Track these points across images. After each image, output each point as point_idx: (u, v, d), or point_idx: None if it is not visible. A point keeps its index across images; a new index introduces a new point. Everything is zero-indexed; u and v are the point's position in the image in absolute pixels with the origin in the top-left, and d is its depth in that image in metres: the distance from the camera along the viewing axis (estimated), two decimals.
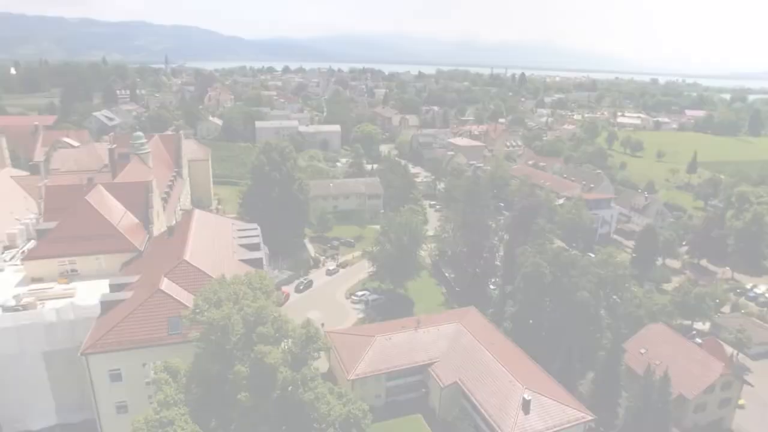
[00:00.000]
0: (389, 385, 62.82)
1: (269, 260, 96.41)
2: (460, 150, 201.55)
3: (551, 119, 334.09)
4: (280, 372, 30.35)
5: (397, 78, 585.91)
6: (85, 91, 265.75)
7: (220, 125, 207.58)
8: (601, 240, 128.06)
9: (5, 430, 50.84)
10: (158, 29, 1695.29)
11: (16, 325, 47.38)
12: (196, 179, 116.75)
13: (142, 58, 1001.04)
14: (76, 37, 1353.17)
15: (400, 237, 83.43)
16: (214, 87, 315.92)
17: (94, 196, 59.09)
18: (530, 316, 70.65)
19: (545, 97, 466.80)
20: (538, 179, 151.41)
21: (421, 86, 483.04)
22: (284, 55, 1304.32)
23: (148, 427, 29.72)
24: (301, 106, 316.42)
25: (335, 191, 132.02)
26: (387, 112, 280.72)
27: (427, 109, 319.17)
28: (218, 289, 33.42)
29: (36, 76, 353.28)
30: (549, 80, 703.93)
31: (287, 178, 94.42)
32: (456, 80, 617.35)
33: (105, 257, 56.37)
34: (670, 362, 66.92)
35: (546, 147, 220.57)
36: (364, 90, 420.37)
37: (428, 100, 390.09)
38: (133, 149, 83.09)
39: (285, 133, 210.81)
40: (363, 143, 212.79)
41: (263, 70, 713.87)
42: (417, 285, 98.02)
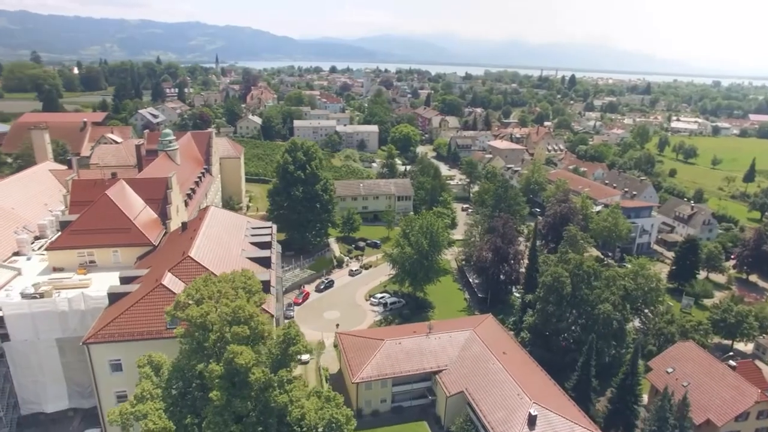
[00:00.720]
0: (396, 390, 61.84)
1: (292, 259, 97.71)
2: (499, 153, 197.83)
3: (599, 123, 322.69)
4: (253, 373, 30.06)
5: (444, 79, 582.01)
6: (136, 89, 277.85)
7: (260, 124, 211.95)
8: (640, 250, 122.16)
9: (22, 411, 53.33)
10: (212, 29, 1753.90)
11: (32, 312, 49.52)
12: (228, 177, 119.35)
13: (195, 58, 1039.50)
14: (135, 38, 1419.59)
15: (419, 240, 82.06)
16: (258, 86, 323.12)
17: (114, 190, 61.19)
18: (548, 327, 67.86)
19: (595, 100, 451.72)
20: (576, 185, 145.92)
21: (467, 88, 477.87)
22: (333, 55, 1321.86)
23: (122, 419, 30.26)
24: (344, 106, 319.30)
25: (365, 191, 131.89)
26: (427, 113, 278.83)
27: (469, 111, 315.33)
28: (201, 287, 33.59)
29: (95, 76, 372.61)
30: (601, 82, 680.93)
31: (312, 177, 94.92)
32: (503, 82, 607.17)
33: (121, 250, 58.25)
34: (699, 384, 62.88)
35: (590, 152, 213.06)
36: (406, 90, 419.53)
37: (472, 101, 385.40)
38: (161, 146, 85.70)
39: (323, 132, 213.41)
40: (400, 144, 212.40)
41: (310, 70, 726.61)
42: (440, 289, 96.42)
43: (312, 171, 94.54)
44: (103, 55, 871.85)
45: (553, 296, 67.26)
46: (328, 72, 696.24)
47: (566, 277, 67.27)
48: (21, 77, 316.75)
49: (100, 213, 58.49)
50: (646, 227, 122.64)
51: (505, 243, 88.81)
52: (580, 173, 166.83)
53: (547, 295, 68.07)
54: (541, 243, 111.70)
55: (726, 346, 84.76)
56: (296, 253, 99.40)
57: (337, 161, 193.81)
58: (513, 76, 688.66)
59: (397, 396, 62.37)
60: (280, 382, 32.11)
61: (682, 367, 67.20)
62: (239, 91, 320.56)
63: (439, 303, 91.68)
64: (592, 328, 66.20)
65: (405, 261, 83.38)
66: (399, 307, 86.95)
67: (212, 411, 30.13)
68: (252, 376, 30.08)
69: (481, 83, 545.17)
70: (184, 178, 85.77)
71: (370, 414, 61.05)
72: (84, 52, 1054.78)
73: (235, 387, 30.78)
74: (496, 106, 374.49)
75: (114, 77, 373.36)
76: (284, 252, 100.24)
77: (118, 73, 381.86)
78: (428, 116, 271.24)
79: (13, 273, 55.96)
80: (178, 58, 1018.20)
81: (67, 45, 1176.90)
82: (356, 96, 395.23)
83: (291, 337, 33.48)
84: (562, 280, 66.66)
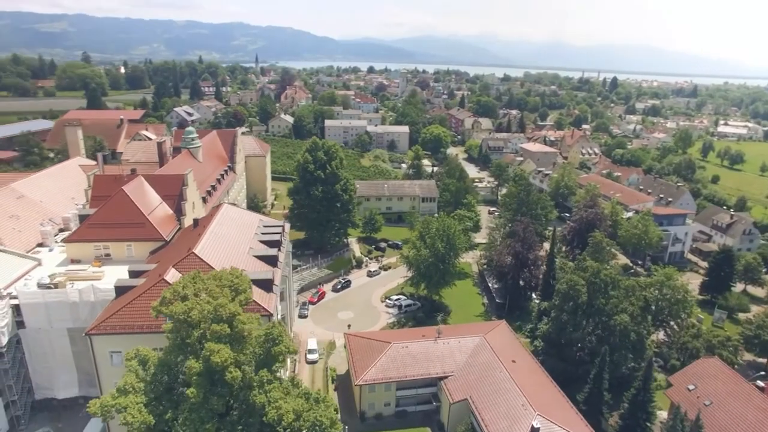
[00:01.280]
0: (400, 394, 61.07)
1: (309, 258, 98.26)
2: (531, 156, 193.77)
3: (639, 127, 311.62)
4: (230, 372, 30.07)
5: (481, 80, 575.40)
6: (175, 87, 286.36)
7: (291, 123, 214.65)
8: (672, 259, 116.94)
9: (36, 395, 55.48)
10: (255, 30, 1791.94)
11: (46, 302, 51.38)
12: (254, 175, 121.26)
13: (237, 57, 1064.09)
14: (182, 38, 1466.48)
15: (435, 242, 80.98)
16: (293, 86, 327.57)
17: (131, 186, 62.90)
18: (562, 336, 65.60)
19: (637, 103, 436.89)
20: (608, 190, 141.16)
21: (505, 89, 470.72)
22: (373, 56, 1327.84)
23: (102, 411, 30.87)
24: (378, 106, 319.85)
25: (389, 192, 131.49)
26: (460, 115, 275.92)
27: (504, 113, 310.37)
28: (188, 284, 33.91)
29: (139, 75, 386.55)
30: (645, 85, 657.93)
31: (332, 177, 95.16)
32: (542, 84, 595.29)
33: (135, 244, 59.80)
34: (722, 404, 59.34)
35: (626, 156, 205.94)
36: (441, 91, 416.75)
37: (508, 103, 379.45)
38: (184, 143, 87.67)
39: (353, 132, 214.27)
40: (430, 145, 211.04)
41: (348, 70, 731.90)
42: (458, 293, 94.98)
43: (332, 171, 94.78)
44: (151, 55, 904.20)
45: (568, 305, 64.98)
46: (365, 72, 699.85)
47: (582, 285, 64.86)
48: (72, 76, 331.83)
49: (116, 208, 60.23)
50: (679, 235, 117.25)
51: (525, 248, 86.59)
52: (613, 178, 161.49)
53: (562, 303, 65.86)
54: (567, 249, 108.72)
55: (760, 364, 79.98)
56: (315, 252, 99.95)
57: (366, 161, 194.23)
58: (553, 78, 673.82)
59: (402, 400, 61.59)
60: (260, 382, 32.00)
61: (706, 385, 63.59)
62: (275, 90, 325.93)
63: (456, 307, 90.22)
64: (608, 339, 63.57)
65: (420, 263, 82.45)
66: (414, 310, 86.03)
67: (188, 407, 30.30)
68: (228, 374, 30.08)
69: (519, 85, 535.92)
70: (206, 175, 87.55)
71: (373, 417, 60.52)
72: (133, 52, 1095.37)
73: (215, 385, 30.84)
74: (533, 108, 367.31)
75: (157, 76, 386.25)
76: (303, 251, 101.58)
77: (161, 72, 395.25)
78: (461, 117, 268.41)
79: (33, 263, 58.31)
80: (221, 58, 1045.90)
81: (118, 45, 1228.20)
82: (391, 96, 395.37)
83: (273, 337, 33.36)
84: (578, 288, 64.32)
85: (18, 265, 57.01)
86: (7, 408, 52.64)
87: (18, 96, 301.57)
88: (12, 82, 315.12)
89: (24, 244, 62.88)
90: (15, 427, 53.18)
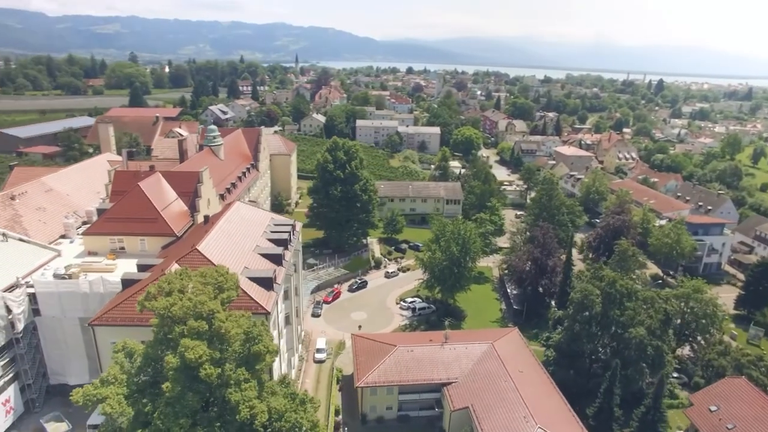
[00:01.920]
0: (403, 398, 60.36)
1: (326, 257, 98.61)
2: (564, 159, 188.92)
3: (684, 131, 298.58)
4: (204, 369, 30.26)
5: (521, 82, 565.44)
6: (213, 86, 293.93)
7: (323, 122, 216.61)
8: (707, 270, 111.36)
9: (51, 380, 57.81)
10: (297, 30, 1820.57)
11: (59, 291, 53.43)
12: (278, 173, 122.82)
13: (279, 57, 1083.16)
14: (226, 38, 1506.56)
15: (450, 245, 79.75)
16: (329, 85, 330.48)
17: (148, 182, 64.59)
18: (574, 347, 63.29)
19: (684, 107, 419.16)
20: (641, 196, 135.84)
21: (544, 91, 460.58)
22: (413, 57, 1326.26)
23: (84, 399, 31.69)
24: (412, 107, 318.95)
25: (413, 193, 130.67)
26: (495, 117, 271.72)
27: (540, 115, 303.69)
28: (173, 280, 34.40)
29: (182, 74, 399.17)
30: (694, 87, 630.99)
31: (351, 177, 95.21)
32: (584, 86, 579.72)
33: (148, 239, 61.32)
34: (746, 428, 55.76)
35: (666, 161, 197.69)
36: (476, 92, 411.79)
37: (547, 106, 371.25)
38: (206, 141, 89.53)
39: (384, 132, 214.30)
40: (462, 147, 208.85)
41: (387, 70, 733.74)
42: (476, 297, 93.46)
43: (351, 171, 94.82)
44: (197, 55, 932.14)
45: (582, 315, 62.64)
46: (404, 73, 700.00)
47: (597, 295, 62.41)
48: (119, 76, 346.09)
49: (131, 203, 61.94)
50: (715, 246, 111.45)
51: (544, 254, 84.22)
52: (649, 184, 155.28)
53: (575, 313, 63.55)
54: (593, 256, 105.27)
55: None
56: (333, 252, 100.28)
57: (396, 162, 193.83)
58: (595, 80, 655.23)
59: (405, 405, 60.86)
60: (237, 380, 32.10)
61: (730, 407, 59.92)
62: (311, 90, 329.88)
63: (473, 312, 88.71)
64: (623, 352, 60.98)
65: (435, 266, 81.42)
66: (428, 314, 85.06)
67: (164, 402, 30.68)
68: (203, 371, 30.29)
69: (559, 87, 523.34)
70: (227, 172, 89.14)
71: (374, 420, 60.09)
72: (180, 52, 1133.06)
73: (192, 381, 31.13)
74: (572, 110, 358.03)
75: (199, 75, 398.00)
76: (322, 250, 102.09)
77: (203, 72, 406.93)
78: (495, 119, 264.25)
79: (53, 254, 60.67)
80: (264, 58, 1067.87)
81: (167, 46, 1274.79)
82: (428, 97, 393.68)
83: (253, 336, 33.42)
84: (592, 299, 61.91)
85: (39, 255, 59.46)
86: (23, 391, 55.09)
87: (70, 94, 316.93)
88: (65, 81, 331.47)
89: (48, 235, 65.56)
90: (30, 410, 55.60)
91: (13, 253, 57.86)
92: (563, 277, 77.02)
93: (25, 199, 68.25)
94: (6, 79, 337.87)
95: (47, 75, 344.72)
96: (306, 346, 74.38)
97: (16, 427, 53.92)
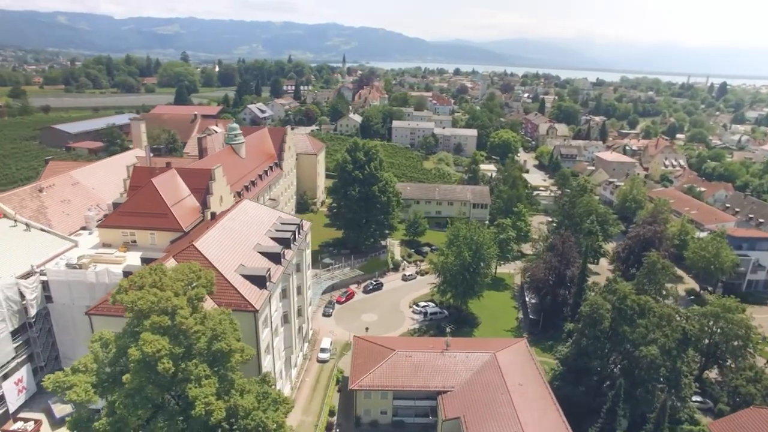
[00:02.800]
0: (398, 404, 59.54)
1: (342, 257, 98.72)
2: (605, 165, 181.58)
3: (746, 137, 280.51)
4: (162, 363, 30.76)
5: (571, 85, 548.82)
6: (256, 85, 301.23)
7: (359, 122, 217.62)
8: (751, 288, 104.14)
9: (62, 364, 60.61)
10: (348, 31, 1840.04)
11: (69, 280, 56.08)
12: (305, 172, 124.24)
13: (330, 57, 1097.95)
14: (279, 38, 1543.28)
15: (461, 251, 78.13)
16: (371, 85, 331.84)
17: (161, 178, 66.71)
18: (581, 363, 60.42)
19: (749, 112, 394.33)
20: (683, 206, 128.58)
21: (595, 94, 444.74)
22: (462, 58, 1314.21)
23: (53, 385, 32.93)
24: (453, 108, 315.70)
25: (439, 196, 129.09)
26: (537, 120, 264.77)
27: (586, 119, 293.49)
28: (146, 274, 35.22)
29: (231, 73, 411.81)
30: (765, 90, 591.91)
31: (370, 178, 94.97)
32: (639, 89, 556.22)
33: (157, 233, 63.30)
34: None
35: (718, 170, 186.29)
36: (519, 95, 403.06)
37: (595, 109, 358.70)
38: (228, 139, 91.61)
39: (420, 133, 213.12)
40: (499, 150, 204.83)
41: (434, 71, 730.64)
42: (494, 305, 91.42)
43: (370, 171, 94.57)
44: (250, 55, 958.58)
45: (590, 329, 59.76)
46: (451, 74, 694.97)
47: (607, 309, 59.35)
48: (170, 74, 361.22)
49: (144, 198, 64.15)
50: (762, 262, 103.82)
51: (562, 263, 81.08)
52: (695, 193, 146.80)
53: (584, 327, 60.70)
54: (621, 268, 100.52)
55: None
56: (351, 252, 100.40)
57: (430, 164, 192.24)
58: (653, 83, 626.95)
59: (400, 410, 60.01)
60: (198, 377, 32.49)
61: None
62: (353, 90, 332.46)
63: (488, 319, 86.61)
64: (632, 371, 57.73)
65: (446, 271, 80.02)
66: (439, 319, 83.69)
67: (124, 393, 31.43)
68: (160, 365, 30.81)
69: (612, 90, 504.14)
70: (247, 170, 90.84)
71: (368, 423, 59.61)
72: (234, 52, 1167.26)
73: (152, 374, 31.75)
74: (622, 115, 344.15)
75: (248, 74, 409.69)
76: (340, 250, 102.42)
77: (251, 71, 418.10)
78: (537, 122, 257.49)
79: (71, 244, 63.71)
80: (314, 57, 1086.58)
81: (222, 45, 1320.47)
82: (472, 99, 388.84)
83: (217, 333, 33.73)
84: (602, 313, 58.91)
85: (57, 245, 62.62)
86: (36, 373, 58.12)
87: (125, 92, 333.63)
88: (121, 80, 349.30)
89: (69, 226, 68.94)
90: (42, 391, 58.32)
91: (33, 242, 61.22)
92: (577, 288, 73.74)
93: (52, 191, 72.05)
94: (71, 78, 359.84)
95: (106, 74, 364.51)
96: (312, 345, 74.77)
97: (27, 405, 56.93)
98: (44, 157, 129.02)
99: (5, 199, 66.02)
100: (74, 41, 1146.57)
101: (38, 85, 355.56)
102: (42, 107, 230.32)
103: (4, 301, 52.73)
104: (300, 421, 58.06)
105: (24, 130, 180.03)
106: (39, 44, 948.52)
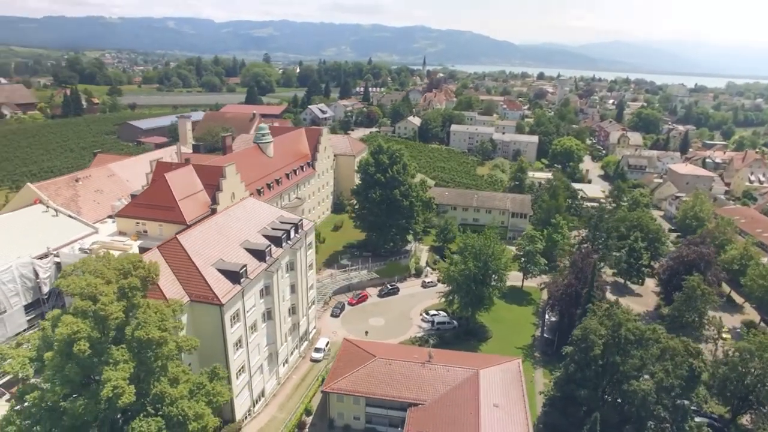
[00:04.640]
0: (371, 411, 58.83)
1: (359, 260, 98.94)
2: (677, 179, 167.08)
3: None
4: (77, 345, 32.97)
5: (665, 91, 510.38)
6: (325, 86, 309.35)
7: (417, 125, 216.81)
8: None
9: None
10: (435, 33, 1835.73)
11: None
12: (343, 173, 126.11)
13: (416, 60, 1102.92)
14: (366, 40, 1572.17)
15: (468, 261, 75.68)
16: (440, 88, 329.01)
17: (174, 173, 70.93)
18: (568, 390, 56.35)
19: None
20: (755, 227, 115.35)
21: (690, 101, 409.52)
22: (552, 62, 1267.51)
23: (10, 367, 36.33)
24: (524, 113, 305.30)
25: (477, 203, 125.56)
26: (610, 128, 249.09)
27: (668, 129, 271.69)
28: (88, 261, 37.86)
29: (309, 74, 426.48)
30: None
31: (392, 181, 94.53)
32: (746, 96, 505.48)
33: (164, 225, 67.41)
34: None
35: None
36: (596, 101, 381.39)
37: (685, 118, 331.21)
38: (256, 139, 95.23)
39: (478, 138, 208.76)
40: (561, 158, 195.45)
41: (517, 75, 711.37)
42: (512, 319, 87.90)
43: (392, 175, 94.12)
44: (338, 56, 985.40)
45: (580, 355, 55.62)
46: (534, 78, 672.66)
47: (600, 335, 54.86)
48: (251, 75, 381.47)
49: (156, 191, 68.69)
50: None
51: (579, 281, 75.93)
52: None
53: (574, 352, 56.67)
54: (663, 291, 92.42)
55: None
56: (371, 255, 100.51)
57: (485, 170, 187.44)
58: (765, 90, 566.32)
59: (374, 418, 59.27)
60: (116, 360, 34.47)
61: None
62: (423, 92, 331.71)
63: (502, 334, 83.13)
64: (622, 407, 52.98)
65: (453, 281, 77.91)
66: (447, 329, 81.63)
67: (48, 368, 34.05)
68: (75, 347, 33.04)
69: (711, 97, 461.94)
70: (272, 169, 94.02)
71: (341, 427, 59.52)
72: (323, 53, 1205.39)
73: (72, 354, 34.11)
74: (716, 124, 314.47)
75: (327, 75, 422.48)
76: (361, 252, 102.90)
77: (330, 72, 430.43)
78: (610, 130, 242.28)
79: (92, 231, 69.58)
80: (400, 60, 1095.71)
81: (312, 47, 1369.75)
82: (548, 104, 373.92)
83: (138, 322, 35.56)
84: (592, 338, 54.58)
85: (79, 231, 68.64)
86: None
87: (208, 91, 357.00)
88: (207, 80, 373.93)
89: (97, 214, 75.32)
90: None
91: (58, 226, 67.49)
92: (581, 309, 68.63)
93: (87, 182, 79.10)
94: (164, 77, 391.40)
95: (195, 74, 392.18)
96: (312, 344, 75.86)
97: None
98: (117, 150, 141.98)
99: (43, 187, 73.50)
100: (179, 43, 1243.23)
101: (137, 84, 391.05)
102: (129, 104, 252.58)
103: (18, 278, 58.69)
104: (272, 417, 59.28)
105: (108, 125, 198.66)
106: (150, 47, 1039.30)
